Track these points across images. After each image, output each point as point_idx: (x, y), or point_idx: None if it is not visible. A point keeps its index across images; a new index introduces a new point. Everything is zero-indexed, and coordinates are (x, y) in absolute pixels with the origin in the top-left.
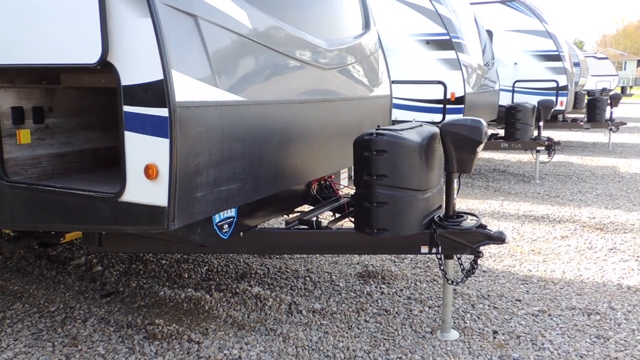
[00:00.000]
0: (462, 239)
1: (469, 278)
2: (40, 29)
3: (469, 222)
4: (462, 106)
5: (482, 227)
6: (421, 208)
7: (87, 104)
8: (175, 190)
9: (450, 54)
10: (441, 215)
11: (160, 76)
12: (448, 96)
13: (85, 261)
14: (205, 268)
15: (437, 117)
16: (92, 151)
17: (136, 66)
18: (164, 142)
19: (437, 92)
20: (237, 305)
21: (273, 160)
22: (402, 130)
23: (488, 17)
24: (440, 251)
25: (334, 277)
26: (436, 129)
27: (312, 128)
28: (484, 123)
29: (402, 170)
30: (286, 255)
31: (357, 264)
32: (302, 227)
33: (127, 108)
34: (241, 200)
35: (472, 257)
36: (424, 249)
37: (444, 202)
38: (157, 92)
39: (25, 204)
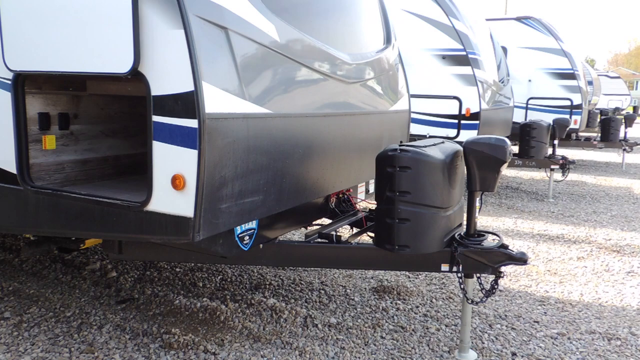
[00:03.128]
0: (483, 259)
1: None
2: (73, 38)
3: (491, 241)
4: (477, 122)
5: (503, 247)
6: (443, 226)
7: (111, 111)
8: (202, 202)
9: (466, 70)
10: (462, 234)
11: (191, 87)
12: (463, 112)
13: (100, 267)
14: (219, 277)
15: (452, 133)
16: (114, 158)
17: (167, 77)
18: (192, 153)
19: (452, 107)
20: (252, 316)
21: (295, 173)
22: (426, 146)
23: (503, 33)
24: (460, 270)
25: (348, 290)
26: (459, 147)
27: (333, 141)
28: (508, 142)
29: (425, 187)
30: (300, 268)
31: (372, 278)
32: (321, 240)
33: (156, 118)
34: (264, 212)
35: (492, 276)
36: (445, 267)
37: (465, 221)
38: (187, 103)
39: (49, 209)
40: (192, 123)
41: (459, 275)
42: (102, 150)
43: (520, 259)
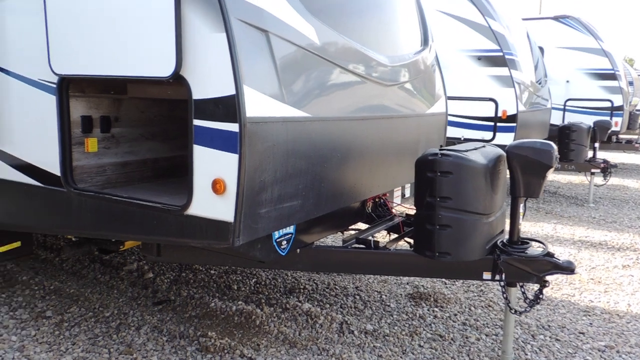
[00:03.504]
0: (527, 267)
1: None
2: (117, 43)
3: (535, 249)
4: (514, 124)
5: (549, 255)
6: (485, 233)
7: (150, 114)
8: (242, 206)
9: (502, 71)
10: (505, 241)
11: (232, 91)
12: (499, 114)
13: (137, 267)
14: (253, 280)
15: (487, 135)
16: (153, 161)
17: (208, 80)
18: (233, 158)
19: (487, 110)
20: (287, 321)
21: (333, 177)
22: (467, 151)
23: (540, 33)
24: (503, 278)
25: (384, 296)
26: (501, 151)
27: (371, 145)
28: (554, 146)
29: (467, 192)
30: (335, 272)
31: (407, 284)
32: (359, 246)
33: (197, 122)
34: (302, 217)
35: (535, 285)
36: (487, 276)
37: (509, 227)
38: (228, 107)
39: (91, 211)
40: (233, 127)
41: (502, 284)
42: (141, 153)
43: (567, 268)
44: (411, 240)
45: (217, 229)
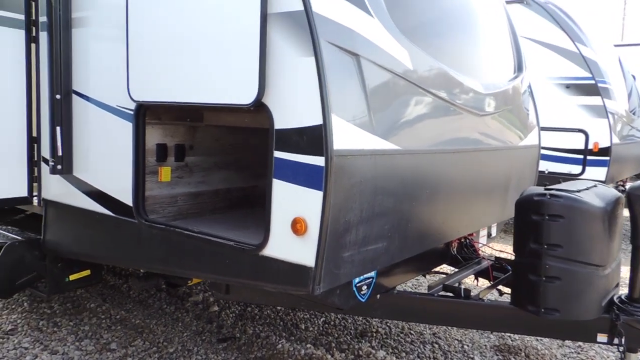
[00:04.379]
0: None
1: None
2: (197, 69)
3: None
4: (607, 158)
5: None
6: (601, 287)
7: (224, 142)
8: (324, 250)
9: (594, 100)
10: (623, 297)
11: (319, 121)
12: (590, 146)
13: (202, 299)
14: (322, 320)
15: (576, 169)
16: (226, 191)
17: (293, 109)
18: (317, 195)
19: (576, 141)
20: None
21: (421, 217)
22: (579, 191)
23: (631, 60)
24: (623, 343)
25: (465, 346)
26: (618, 193)
27: (461, 180)
28: None
29: (581, 240)
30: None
31: (491, 333)
32: (446, 294)
33: (278, 154)
34: (386, 261)
35: None
36: (602, 338)
37: (629, 282)
38: (314, 139)
39: (162, 245)
40: (318, 161)
41: (621, 349)
42: (214, 183)
43: None
44: (504, 289)
45: (295, 274)
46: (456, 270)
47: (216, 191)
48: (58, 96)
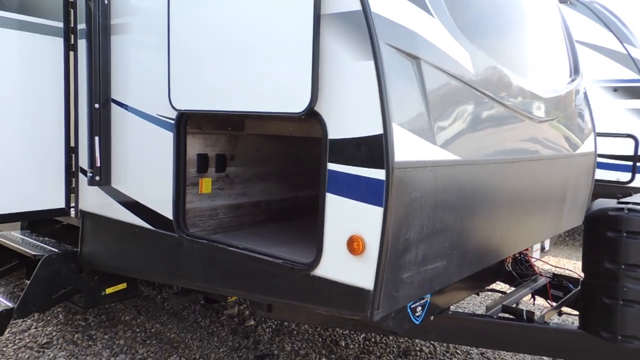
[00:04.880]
0: None
1: None
2: (242, 75)
3: None
4: None
5: None
6: None
7: (265, 152)
8: (384, 271)
9: None
10: None
11: (379, 130)
12: None
13: (237, 312)
14: (362, 336)
15: (623, 176)
16: (266, 203)
17: (349, 117)
18: (376, 211)
19: (624, 147)
20: None
21: (480, 232)
22: None
23: None
24: None
25: None
26: None
27: (519, 192)
28: None
29: None
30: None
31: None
32: (506, 315)
33: (331, 166)
34: (445, 281)
35: None
36: None
37: None
38: (373, 150)
39: (204, 262)
40: (379, 174)
41: None
42: (254, 194)
43: None
44: (565, 308)
45: (351, 297)
46: (513, 288)
47: (257, 203)
48: (97, 105)
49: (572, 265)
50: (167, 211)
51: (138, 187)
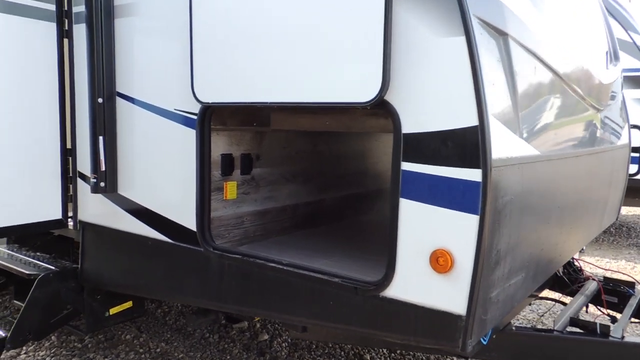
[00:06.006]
0: None
1: None
2: (290, 58)
3: None
4: None
5: None
6: None
7: (291, 150)
8: (478, 291)
9: None
10: None
11: (473, 122)
12: None
13: (248, 325)
14: (386, 350)
15: (632, 168)
16: (293, 208)
17: (430, 107)
18: (470, 220)
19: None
20: None
21: (551, 236)
22: None
23: None
24: None
25: None
26: None
27: (581, 189)
28: None
29: None
30: None
31: None
32: (576, 330)
33: (407, 166)
34: (522, 295)
35: None
36: None
37: None
38: (465, 145)
39: (237, 280)
40: (473, 175)
41: None
42: (281, 198)
43: None
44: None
45: (435, 323)
46: (566, 295)
47: (283, 208)
48: (100, 100)
49: (612, 266)
50: (187, 221)
51: (150, 193)
